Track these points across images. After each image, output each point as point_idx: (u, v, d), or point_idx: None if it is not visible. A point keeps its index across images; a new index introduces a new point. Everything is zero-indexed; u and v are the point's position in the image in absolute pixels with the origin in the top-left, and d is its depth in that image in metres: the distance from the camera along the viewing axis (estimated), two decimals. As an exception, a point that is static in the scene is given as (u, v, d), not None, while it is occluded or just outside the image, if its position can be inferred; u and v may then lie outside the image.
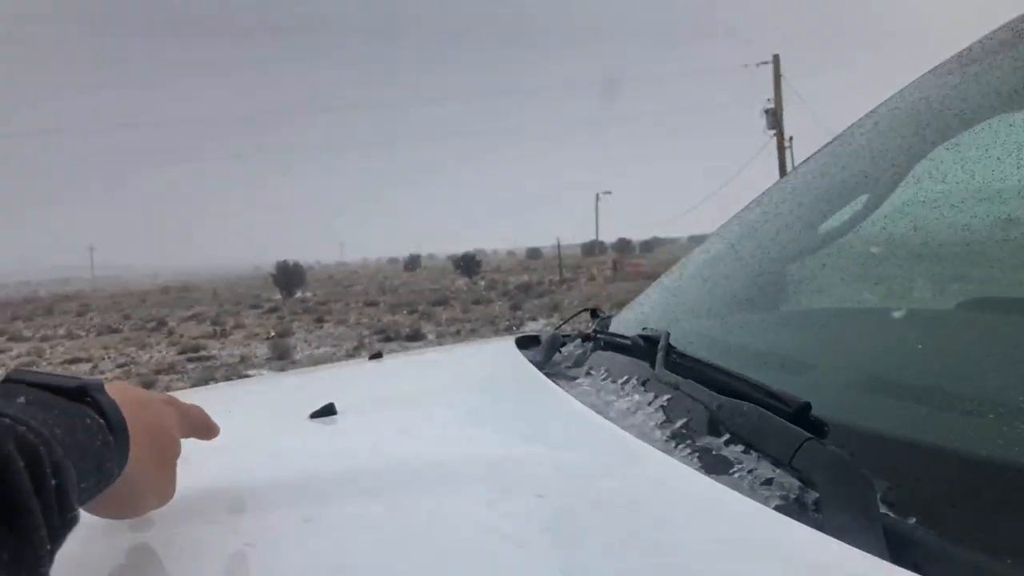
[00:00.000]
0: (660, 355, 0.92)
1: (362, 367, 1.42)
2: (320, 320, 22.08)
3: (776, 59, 31.47)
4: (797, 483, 0.61)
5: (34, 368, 0.58)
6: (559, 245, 45.84)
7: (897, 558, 0.49)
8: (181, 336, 19.10)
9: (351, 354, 13.72)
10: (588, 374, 1.20)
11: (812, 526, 0.54)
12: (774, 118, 30.65)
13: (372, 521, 0.61)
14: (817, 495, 0.58)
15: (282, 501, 0.68)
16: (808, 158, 1.47)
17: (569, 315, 1.68)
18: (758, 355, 0.92)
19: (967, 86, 1.20)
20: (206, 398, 0.80)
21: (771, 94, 31.24)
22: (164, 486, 0.63)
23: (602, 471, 0.69)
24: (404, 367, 1.40)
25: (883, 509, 0.55)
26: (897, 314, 0.89)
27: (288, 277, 36.64)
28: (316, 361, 12.61)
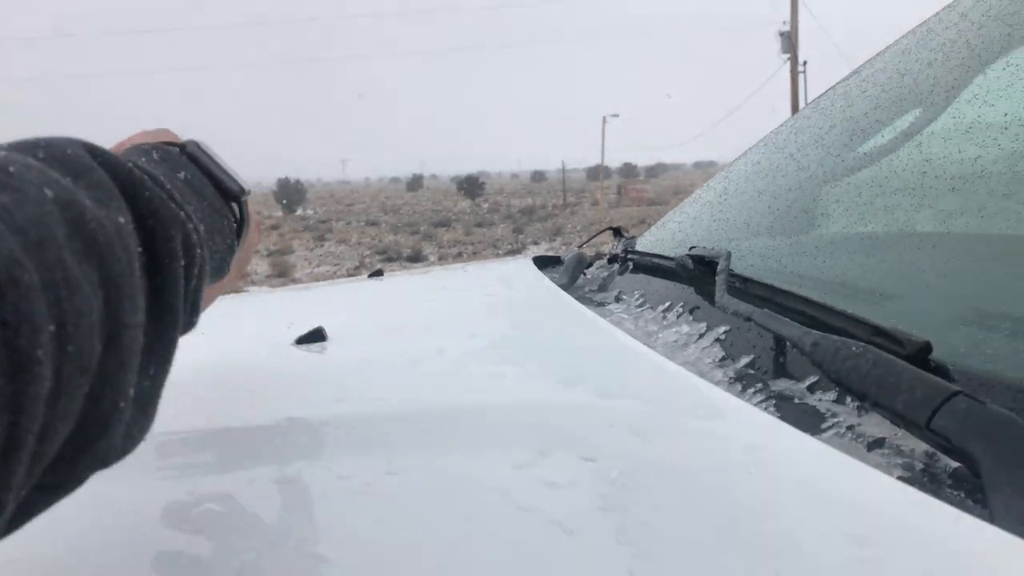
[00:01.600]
0: (722, 278, 0.76)
1: (361, 286, 1.26)
2: (321, 238, 21.91)
3: (793, -20, 30.26)
4: (924, 448, 0.46)
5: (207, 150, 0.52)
6: (563, 169, 45.25)
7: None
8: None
9: (352, 274, 13.61)
10: (619, 299, 1.04)
11: (964, 510, 0.39)
12: (789, 42, 29.71)
13: (366, 488, 0.46)
14: (956, 465, 0.43)
15: (256, 455, 0.53)
16: (856, 70, 1.28)
17: (589, 236, 1.52)
18: (841, 284, 0.76)
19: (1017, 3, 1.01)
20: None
21: (787, 16, 30.15)
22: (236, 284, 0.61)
23: (666, 425, 0.54)
24: (409, 287, 1.23)
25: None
26: (992, 241, 0.73)
27: (289, 194, 36.28)
28: (317, 279, 12.51)
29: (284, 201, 35.35)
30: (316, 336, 0.80)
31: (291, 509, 0.45)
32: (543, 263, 1.30)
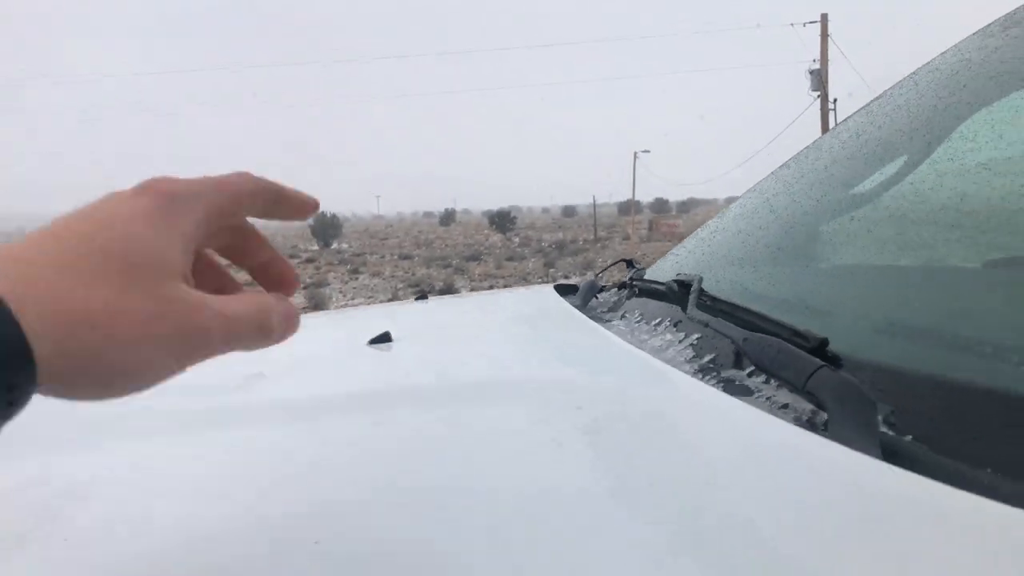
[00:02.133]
0: (692, 296, 1.00)
1: (411, 306, 1.51)
2: (355, 271, 22.36)
3: (824, 18, 30.58)
4: (810, 407, 0.68)
5: None
6: (594, 203, 45.56)
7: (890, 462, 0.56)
8: (218, 283, 19.44)
9: (386, 305, 13.92)
10: (623, 317, 1.28)
11: (819, 434, 0.62)
12: (819, 79, 29.89)
13: (431, 428, 0.70)
14: (827, 415, 0.66)
15: (353, 409, 0.77)
16: (846, 119, 1.51)
17: (604, 267, 1.75)
18: (784, 301, 0.99)
19: (1009, 50, 1.23)
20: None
21: (817, 54, 30.43)
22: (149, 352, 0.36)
23: (634, 391, 0.77)
24: (449, 306, 1.49)
25: (883, 428, 0.63)
26: (919, 271, 0.96)
27: (325, 228, 36.99)
28: (352, 311, 12.83)
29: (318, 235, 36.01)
30: (384, 338, 1.05)
31: (384, 441, 0.69)
32: (563, 290, 1.54)
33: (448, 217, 79.11)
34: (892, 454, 0.58)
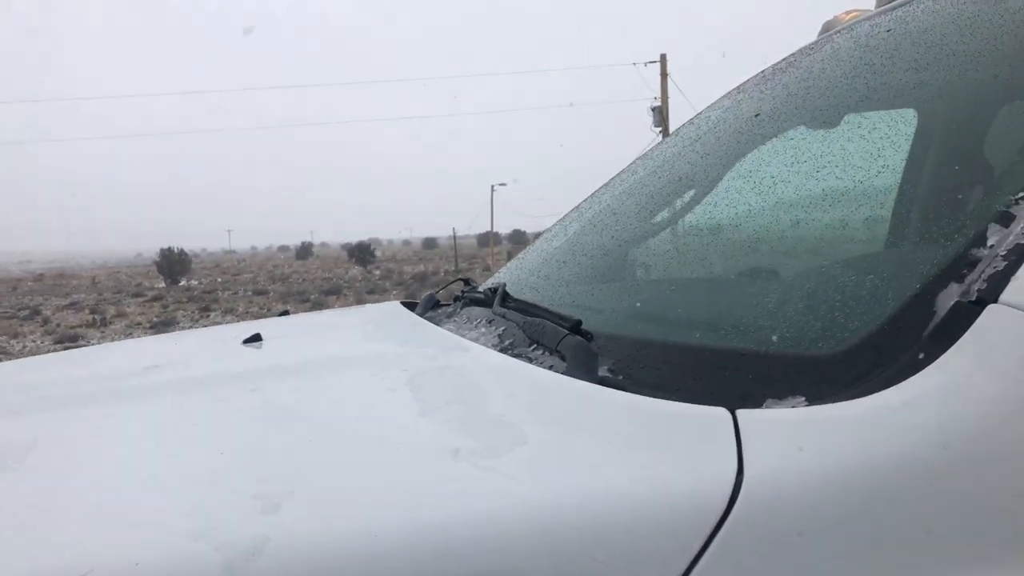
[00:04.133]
0: (497, 298, 1.31)
1: (276, 319, 1.76)
2: (206, 309, 21.62)
3: (663, 58, 32.75)
4: (560, 360, 1.00)
5: None
6: (455, 235, 46.10)
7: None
8: (58, 325, 18.33)
9: (242, 341, 13.62)
10: (453, 320, 1.58)
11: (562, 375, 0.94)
12: (660, 116, 31.89)
13: (298, 388, 0.97)
14: (567, 364, 0.98)
15: (233, 381, 1.02)
16: (640, 156, 1.90)
17: (444, 284, 2.06)
18: (569, 298, 1.33)
19: (775, 98, 1.60)
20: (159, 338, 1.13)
21: (659, 92, 32.50)
22: None
23: (446, 358, 1.07)
24: (307, 317, 1.75)
25: (603, 371, 0.95)
26: (654, 280, 1.32)
27: (172, 265, 35.38)
28: (206, 348, 12.48)
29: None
30: (256, 338, 1.30)
31: (253, 393, 0.95)
32: (408, 305, 1.83)
33: (305, 250, 77.57)
34: (602, 381, 0.91)
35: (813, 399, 0.73)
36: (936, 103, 1.20)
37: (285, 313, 1.84)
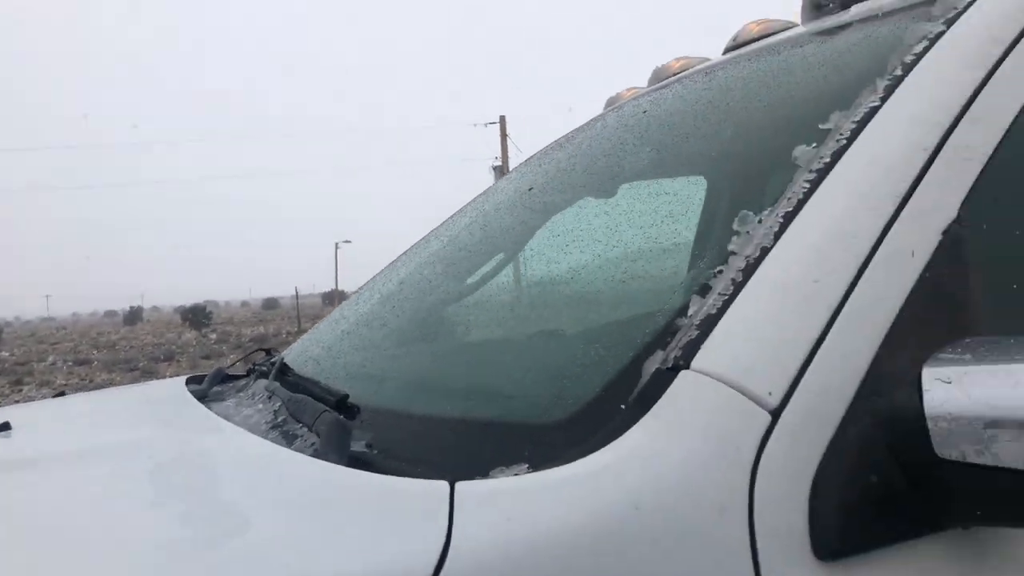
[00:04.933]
0: (273, 371, 1.29)
1: (48, 401, 1.64)
2: (19, 383, 19.74)
3: (502, 120, 33.86)
4: (316, 437, 1.00)
5: None
6: (297, 295, 44.84)
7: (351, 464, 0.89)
8: None
9: (56, 417, 12.50)
10: (239, 395, 1.54)
11: (316, 458, 0.93)
12: (500, 175, 32.77)
13: (17, 487, 0.91)
14: (319, 442, 0.98)
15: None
16: (434, 229, 1.94)
17: (241, 356, 2.00)
18: (346, 369, 1.33)
19: (571, 168, 1.68)
20: None
21: (499, 152, 33.49)
22: None
23: (195, 442, 1.04)
24: (83, 399, 1.64)
25: (358, 446, 0.96)
26: (425, 349, 1.35)
27: (-23, 336, 32.11)
28: (12, 427, 11.35)
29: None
30: (5, 427, 1.20)
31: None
32: (195, 380, 1.76)
33: (134, 315, 72.79)
34: (356, 458, 0.91)
35: (536, 466, 0.77)
36: (673, 180, 1.32)
37: (61, 394, 1.72)
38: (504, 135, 33.89)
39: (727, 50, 1.67)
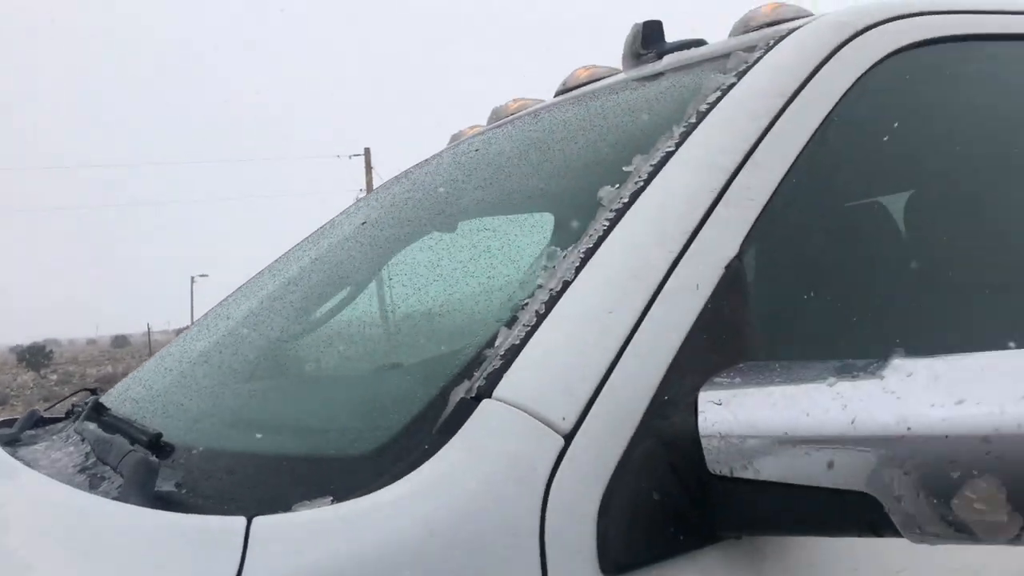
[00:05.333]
0: (85, 412, 1.23)
1: None
2: None
3: (367, 152, 33.64)
4: (121, 478, 0.96)
5: None
6: (149, 331, 42.39)
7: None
8: None
9: None
10: (55, 438, 1.45)
11: (120, 501, 0.90)
12: (367, 206, 32.40)
13: None
14: (122, 484, 0.94)
15: None
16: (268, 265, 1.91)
17: (63, 398, 1.88)
18: (164, 408, 1.28)
19: (404, 203, 1.69)
20: None
21: (363, 184, 33.21)
22: None
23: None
24: None
25: (168, 485, 0.93)
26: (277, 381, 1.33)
27: None
28: None
29: None
30: None
31: None
32: (6, 424, 1.64)
33: (-38, 356, 66.34)
34: (162, 498, 0.88)
35: (339, 499, 0.78)
36: (504, 217, 1.38)
37: None
38: (369, 167, 33.66)
39: (558, 93, 1.76)
